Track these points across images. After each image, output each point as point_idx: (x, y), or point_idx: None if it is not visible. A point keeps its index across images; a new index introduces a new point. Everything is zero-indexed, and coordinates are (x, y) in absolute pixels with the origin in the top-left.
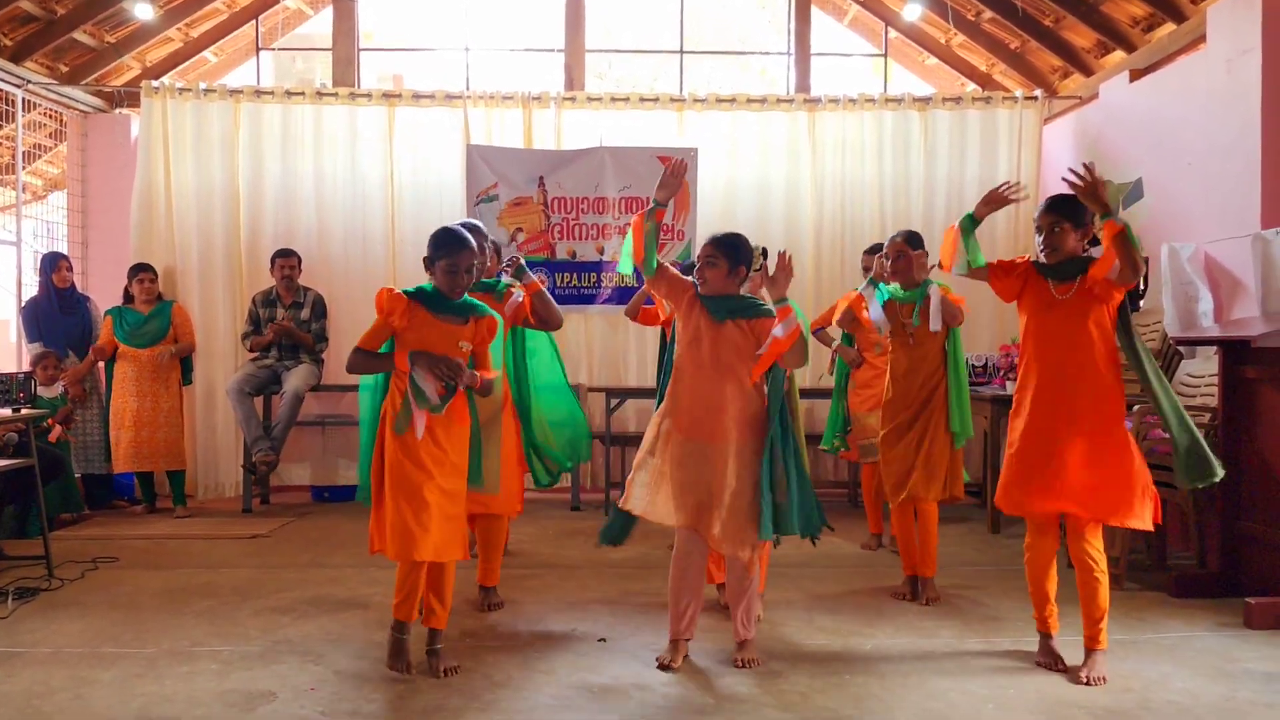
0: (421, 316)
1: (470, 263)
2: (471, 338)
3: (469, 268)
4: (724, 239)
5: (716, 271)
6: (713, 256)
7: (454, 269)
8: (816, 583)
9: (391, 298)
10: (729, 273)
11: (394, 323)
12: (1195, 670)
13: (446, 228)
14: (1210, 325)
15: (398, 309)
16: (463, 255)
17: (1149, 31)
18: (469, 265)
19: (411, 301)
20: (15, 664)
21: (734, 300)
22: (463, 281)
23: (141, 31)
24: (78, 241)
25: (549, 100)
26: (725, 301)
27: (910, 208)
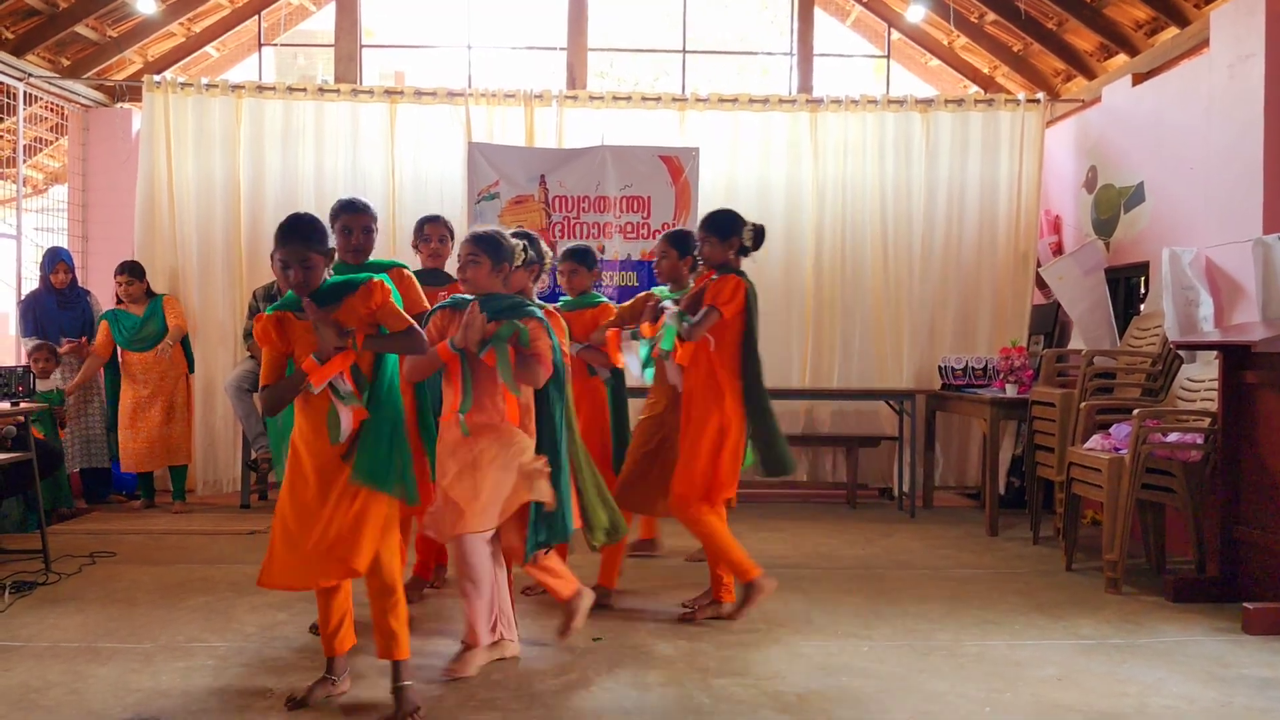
0: (291, 325)
1: (304, 255)
2: (352, 318)
3: (303, 260)
4: (483, 235)
5: (479, 269)
6: (474, 254)
7: (284, 263)
8: (815, 584)
9: (263, 324)
10: (492, 269)
11: (275, 345)
12: (1191, 675)
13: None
14: (1211, 330)
15: (270, 330)
16: (289, 248)
17: (1152, 35)
18: (302, 257)
19: (277, 316)
20: (12, 658)
21: (499, 299)
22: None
23: (144, 26)
24: (78, 235)
25: (551, 99)
26: (490, 301)
27: (911, 209)
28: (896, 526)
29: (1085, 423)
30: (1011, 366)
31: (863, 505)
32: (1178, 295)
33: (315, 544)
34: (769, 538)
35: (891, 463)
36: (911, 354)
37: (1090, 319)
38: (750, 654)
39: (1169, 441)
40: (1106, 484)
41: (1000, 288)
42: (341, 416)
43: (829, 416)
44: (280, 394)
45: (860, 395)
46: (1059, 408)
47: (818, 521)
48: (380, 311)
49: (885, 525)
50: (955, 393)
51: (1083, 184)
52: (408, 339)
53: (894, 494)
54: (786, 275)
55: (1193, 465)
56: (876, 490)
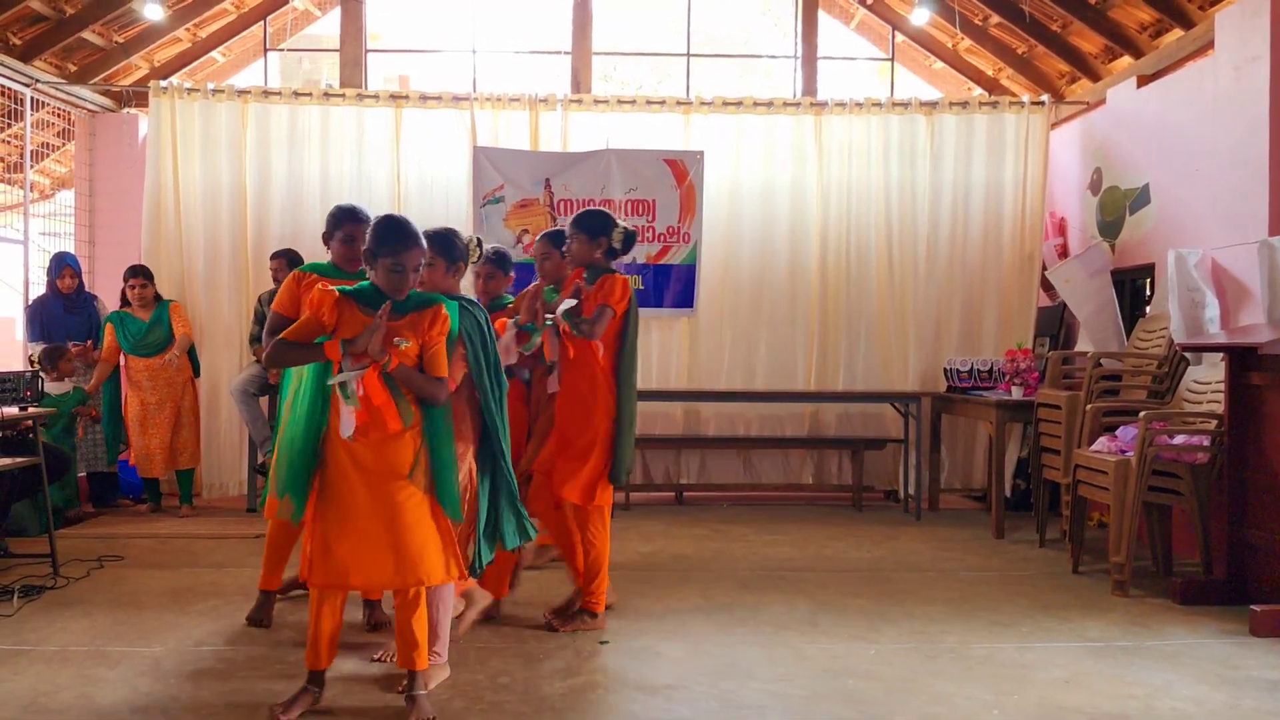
0: (351, 314)
1: (418, 262)
2: (412, 332)
3: (416, 267)
4: (436, 235)
5: (434, 271)
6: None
7: (399, 268)
8: (822, 587)
9: (322, 294)
10: (447, 269)
11: (323, 318)
12: (1199, 677)
13: (392, 218)
14: (1216, 332)
15: (326, 305)
16: (410, 254)
17: (1157, 37)
18: (416, 265)
19: (343, 298)
20: (21, 662)
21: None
22: (409, 282)
23: (150, 31)
24: (84, 240)
25: (555, 102)
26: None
27: (916, 212)
28: (902, 529)
29: (1091, 425)
30: (1017, 369)
31: (868, 508)
32: (1183, 297)
33: (376, 549)
34: (775, 540)
35: (897, 465)
36: (917, 356)
37: (1098, 321)
38: (757, 656)
39: (1175, 444)
40: (1113, 486)
41: (1005, 290)
42: (343, 414)
43: (834, 419)
44: (294, 354)
45: (865, 398)
46: (1065, 410)
47: (823, 524)
48: (433, 342)
49: (891, 528)
50: (961, 395)
51: (1088, 186)
52: (431, 386)
53: (899, 496)
54: (791, 278)
55: (1199, 467)
56: (882, 493)
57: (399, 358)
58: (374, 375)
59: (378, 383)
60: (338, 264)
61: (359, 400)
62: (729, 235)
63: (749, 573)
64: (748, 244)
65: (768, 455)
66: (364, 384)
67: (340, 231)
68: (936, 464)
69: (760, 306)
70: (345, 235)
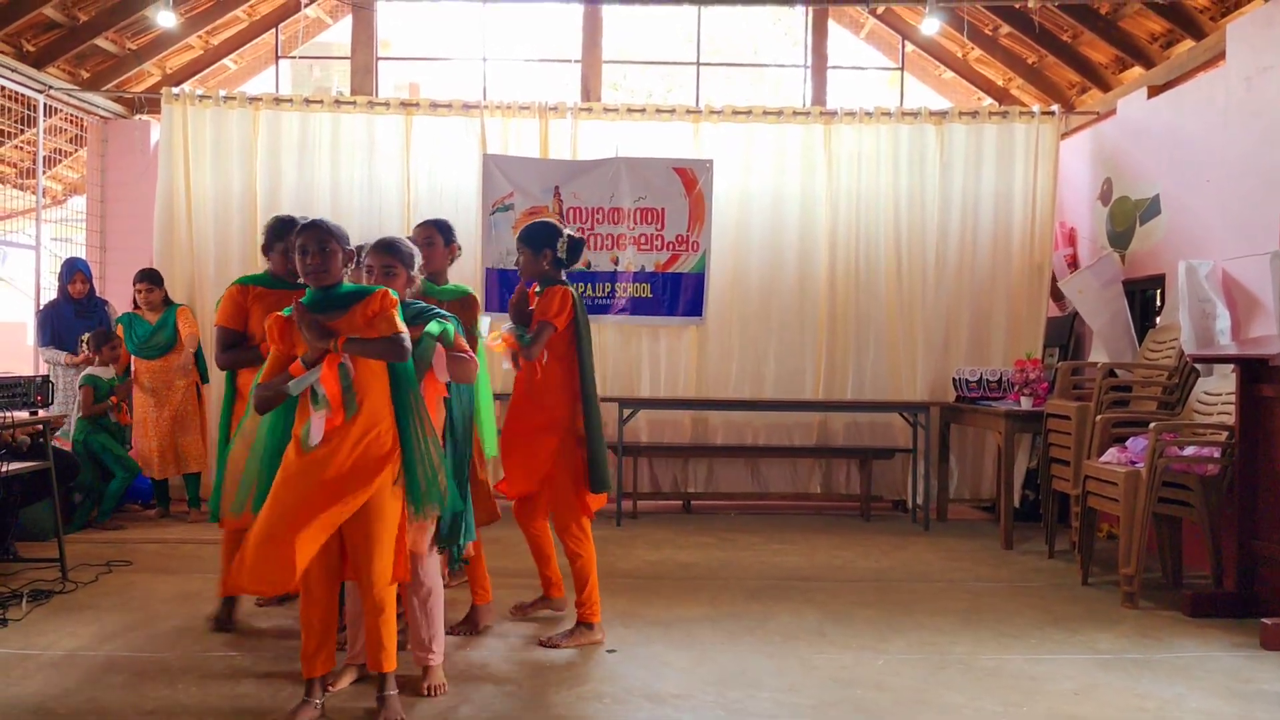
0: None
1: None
2: (352, 327)
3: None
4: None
5: (395, 280)
6: (389, 265)
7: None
8: (830, 596)
9: (269, 326)
10: (407, 280)
11: (282, 346)
12: (1210, 691)
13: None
14: (1227, 343)
15: (276, 331)
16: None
17: (1168, 48)
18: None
19: (287, 317)
20: (29, 666)
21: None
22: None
23: (163, 39)
24: (96, 246)
25: (565, 110)
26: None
27: (925, 221)
28: (910, 539)
29: (1101, 436)
30: (1026, 379)
31: (876, 517)
32: (1194, 308)
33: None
34: (783, 550)
35: (905, 475)
36: (926, 366)
37: (1111, 331)
38: (765, 666)
39: (1186, 455)
40: (1123, 497)
41: (1015, 300)
42: (313, 422)
43: (843, 428)
44: (271, 393)
45: (874, 407)
46: (1074, 420)
47: (831, 534)
48: (378, 315)
49: (899, 538)
50: (970, 405)
51: (1098, 196)
52: (389, 344)
53: (908, 506)
54: (800, 287)
55: (1210, 479)
56: (890, 502)
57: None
58: (327, 371)
59: (333, 377)
60: (276, 274)
61: (329, 403)
62: (738, 244)
63: (757, 582)
64: (756, 253)
65: (776, 464)
66: (324, 382)
67: (281, 243)
68: (945, 474)
69: (769, 315)
70: (286, 246)
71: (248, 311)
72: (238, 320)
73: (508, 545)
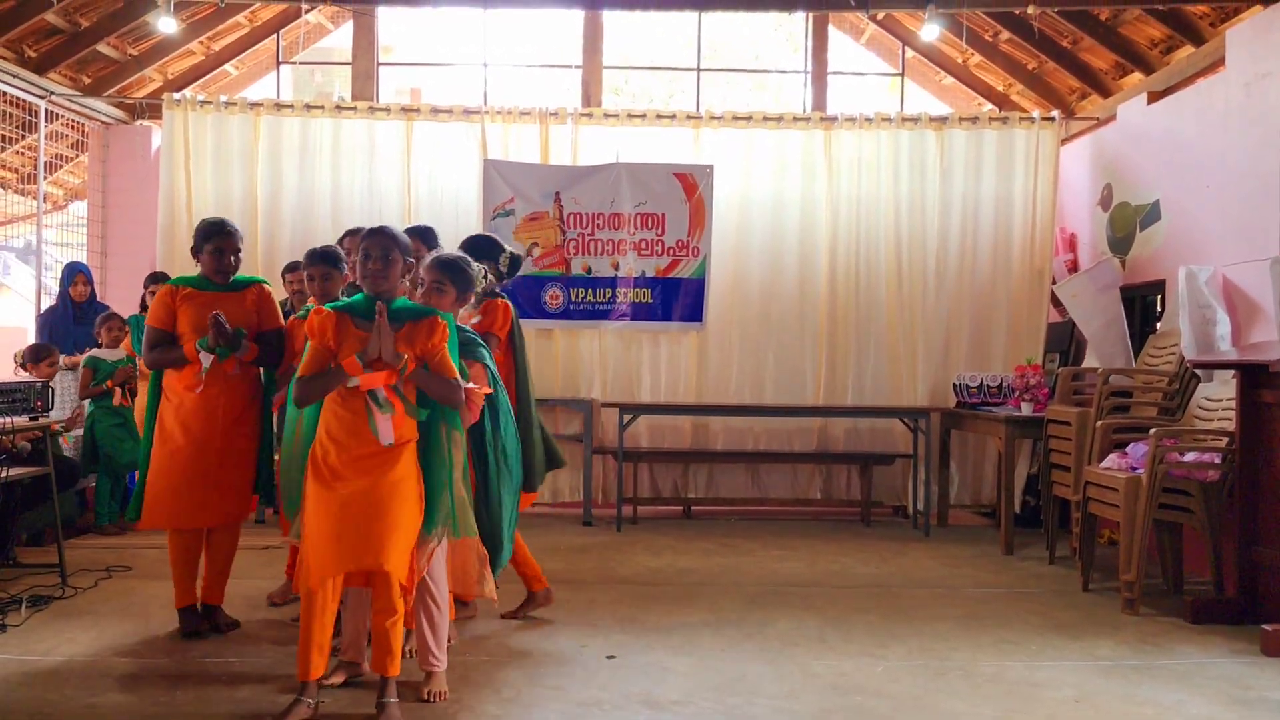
0: (347, 330)
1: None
2: (408, 344)
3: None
4: (448, 261)
5: (444, 298)
6: (439, 281)
7: (367, 254)
8: (830, 603)
9: (321, 319)
10: (457, 298)
11: (329, 342)
12: (1210, 698)
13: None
14: (1228, 349)
15: (328, 327)
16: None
17: (1167, 53)
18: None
19: (338, 314)
20: (28, 672)
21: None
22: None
23: (164, 44)
24: (97, 251)
25: (566, 116)
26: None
27: (926, 226)
28: (911, 545)
29: (1101, 442)
30: (1027, 384)
31: (877, 523)
32: (1194, 314)
33: (347, 537)
34: (783, 555)
35: (906, 480)
36: (926, 371)
37: (1105, 337)
38: (765, 672)
39: (1186, 461)
40: (1123, 503)
41: (1015, 305)
42: (380, 425)
43: (843, 434)
44: (317, 386)
45: (874, 413)
46: (1075, 426)
47: (832, 539)
48: (436, 350)
49: (899, 543)
50: (970, 411)
51: (1098, 202)
52: (450, 389)
53: (908, 512)
54: (801, 292)
55: (1210, 485)
56: (891, 508)
57: (397, 366)
58: (391, 380)
59: (391, 394)
60: (208, 276)
61: (392, 405)
62: (738, 249)
63: (757, 588)
64: (757, 258)
65: (776, 470)
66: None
67: (210, 244)
68: (945, 480)
69: (769, 320)
70: (215, 248)
71: (176, 312)
72: (166, 320)
73: None
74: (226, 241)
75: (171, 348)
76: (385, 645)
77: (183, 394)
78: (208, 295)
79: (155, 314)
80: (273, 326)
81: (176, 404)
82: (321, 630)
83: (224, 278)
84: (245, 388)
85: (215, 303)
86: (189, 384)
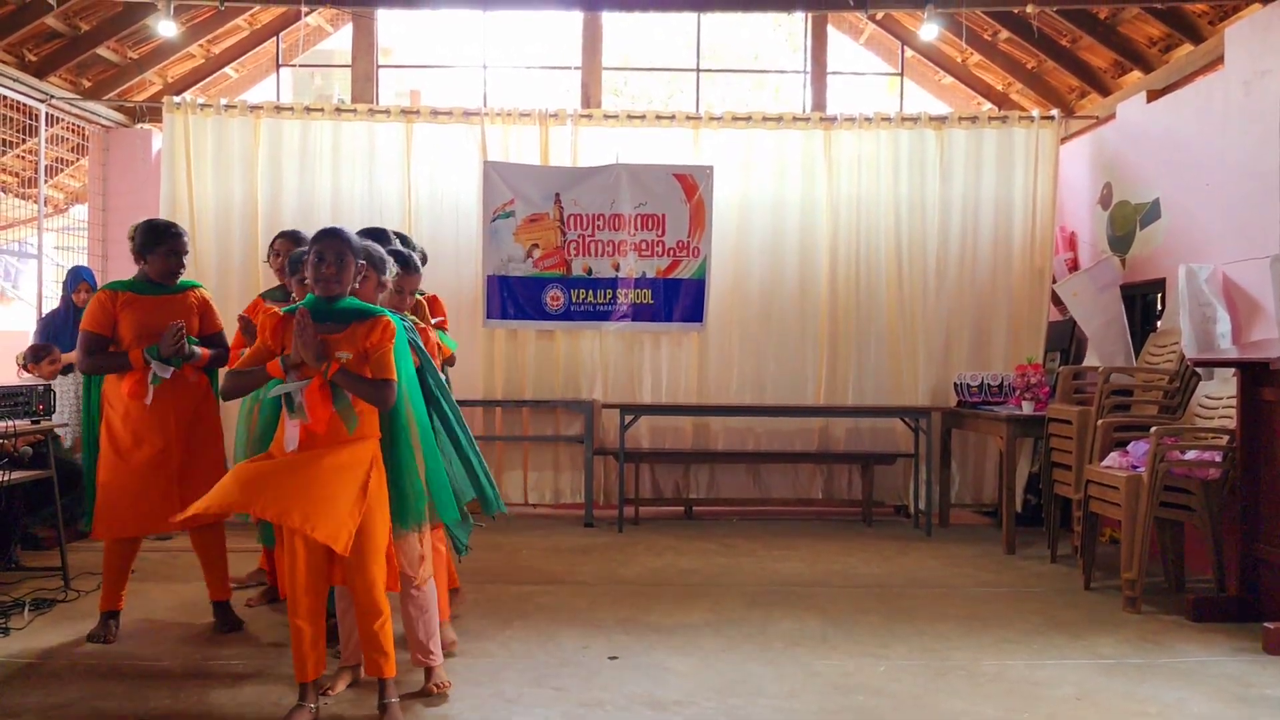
0: (291, 332)
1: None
2: (351, 343)
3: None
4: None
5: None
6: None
7: (320, 256)
8: (831, 602)
9: (265, 318)
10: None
11: (269, 343)
12: (1212, 695)
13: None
14: (1228, 347)
15: (270, 328)
16: (326, 242)
17: (1167, 52)
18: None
19: (284, 318)
20: (31, 675)
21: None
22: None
23: (164, 48)
24: (97, 255)
25: (566, 117)
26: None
27: (926, 226)
28: (912, 544)
29: (1103, 440)
30: (1028, 383)
31: (878, 523)
32: (1195, 312)
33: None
34: (784, 555)
35: (907, 480)
36: (927, 371)
37: (1105, 335)
38: (766, 672)
39: (1187, 459)
40: (1125, 502)
41: (1016, 304)
42: (288, 429)
43: (844, 433)
44: (243, 382)
45: (875, 412)
46: (1076, 425)
47: (833, 539)
48: (377, 351)
49: (901, 543)
50: (971, 410)
51: (1098, 200)
52: (376, 390)
53: (910, 511)
54: (801, 292)
55: (1211, 483)
56: (892, 508)
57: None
58: (315, 386)
59: (319, 394)
60: (155, 278)
61: (305, 413)
62: (738, 250)
63: (758, 588)
64: (757, 258)
65: (777, 470)
66: (307, 395)
67: (163, 246)
68: (947, 479)
69: (770, 321)
70: (168, 250)
71: (116, 317)
72: (106, 326)
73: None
74: (178, 243)
75: (113, 354)
76: (377, 646)
77: (129, 402)
78: (150, 300)
79: (94, 318)
80: (215, 329)
81: (123, 412)
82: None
83: (172, 280)
84: (193, 389)
85: (159, 307)
86: (135, 392)
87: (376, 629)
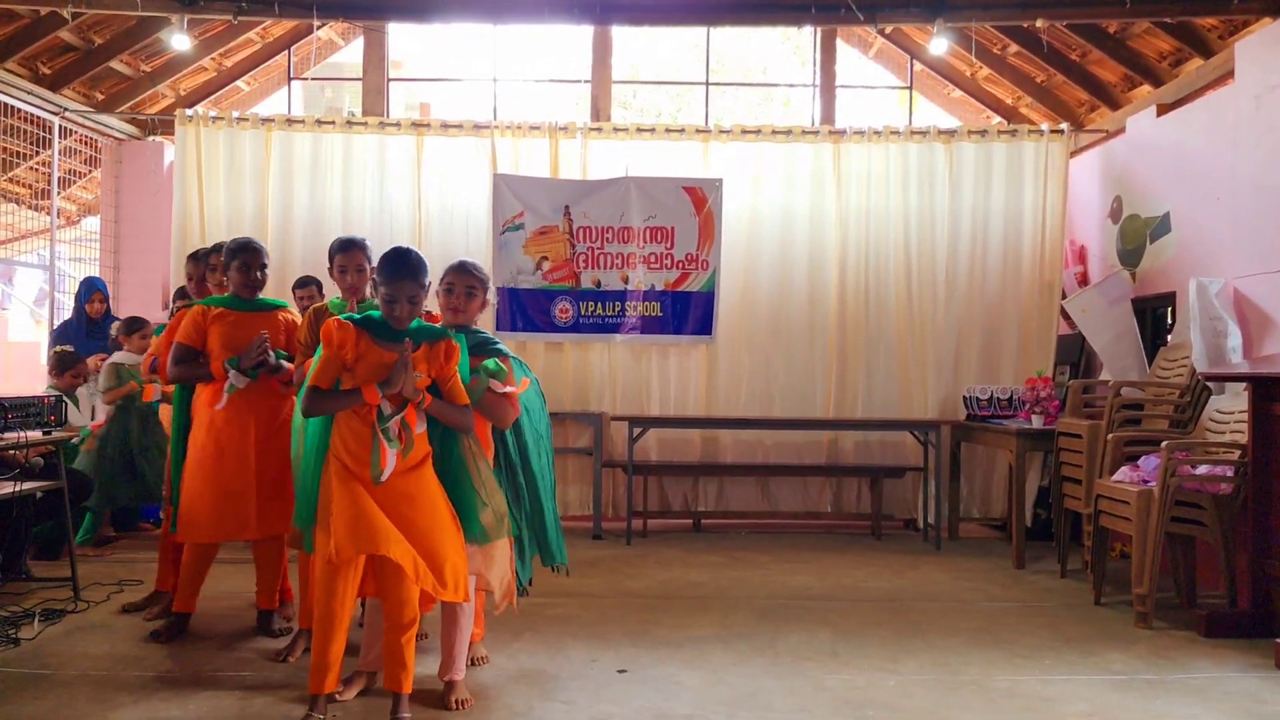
0: (367, 346)
1: (413, 293)
2: (425, 365)
3: (413, 297)
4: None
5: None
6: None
7: (392, 299)
8: (841, 616)
9: (340, 331)
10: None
11: (345, 355)
12: (1225, 712)
13: (395, 251)
14: (1239, 361)
15: (348, 340)
16: (401, 283)
17: (1176, 66)
18: (413, 295)
19: (359, 330)
20: (42, 686)
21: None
22: (404, 312)
23: (176, 61)
24: (110, 266)
25: (575, 130)
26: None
27: (935, 239)
28: (922, 558)
29: (1113, 454)
30: (1037, 397)
31: (887, 536)
32: (1205, 326)
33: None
34: (793, 569)
35: (916, 494)
36: (936, 384)
37: (1117, 349)
38: (776, 687)
39: (1198, 474)
40: (1135, 517)
41: (1025, 318)
42: (385, 457)
43: (853, 447)
44: (328, 403)
45: (884, 426)
46: (1086, 439)
47: (843, 553)
48: (450, 375)
49: (911, 557)
50: (980, 423)
51: (1108, 214)
52: (462, 415)
53: (919, 525)
54: (810, 305)
55: (1223, 498)
56: (901, 521)
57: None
58: (413, 412)
59: (415, 416)
60: (237, 292)
61: (399, 441)
62: (748, 262)
63: (767, 601)
64: (766, 271)
65: (786, 483)
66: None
67: (237, 260)
68: (956, 493)
69: (779, 334)
70: (242, 263)
71: (206, 331)
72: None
73: None
74: (254, 257)
75: (196, 364)
76: (400, 660)
77: (213, 412)
78: (240, 315)
79: (187, 332)
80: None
81: (207, 421)
82: (338, 642)
83: (251, 293)
84: (275, 400)
85: (248, 323)
86: (212, 401)
87: (404, 643)
